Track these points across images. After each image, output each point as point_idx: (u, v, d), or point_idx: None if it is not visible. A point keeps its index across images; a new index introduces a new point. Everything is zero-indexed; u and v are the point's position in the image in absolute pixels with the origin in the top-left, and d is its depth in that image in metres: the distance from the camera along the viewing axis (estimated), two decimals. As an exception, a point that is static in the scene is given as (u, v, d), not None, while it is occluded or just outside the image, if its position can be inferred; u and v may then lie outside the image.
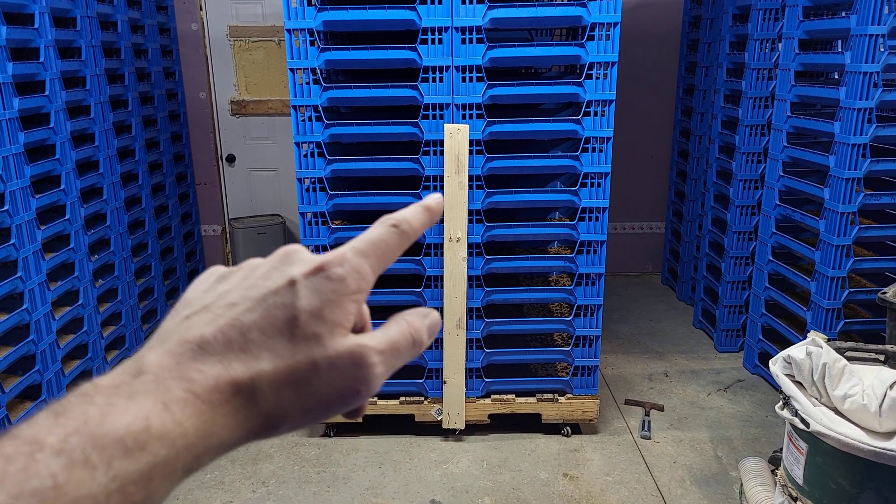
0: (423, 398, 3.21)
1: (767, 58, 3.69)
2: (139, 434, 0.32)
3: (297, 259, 0.40)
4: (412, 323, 0.42)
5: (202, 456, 0.35)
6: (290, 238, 5.15)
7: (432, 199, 0.47)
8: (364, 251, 0.41)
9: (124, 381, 0.35)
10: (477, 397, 3.20)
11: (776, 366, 2.23)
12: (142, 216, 4.08)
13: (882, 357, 2.21)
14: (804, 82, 3.37)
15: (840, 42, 3.91)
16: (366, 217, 3.17)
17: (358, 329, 0.41)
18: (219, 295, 0.39)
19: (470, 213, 2.95)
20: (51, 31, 3.07)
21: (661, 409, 3.49)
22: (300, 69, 2.81)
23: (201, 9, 4.81)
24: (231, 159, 5.14)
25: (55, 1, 3.13)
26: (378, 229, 0.43)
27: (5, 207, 2.74)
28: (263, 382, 0.36)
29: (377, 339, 0.40)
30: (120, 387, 0.34)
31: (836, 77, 3.72)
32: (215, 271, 0.43)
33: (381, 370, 0.39)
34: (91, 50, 3.45)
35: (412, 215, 0.45)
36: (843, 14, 2.98)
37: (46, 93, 3.05)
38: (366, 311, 0.43)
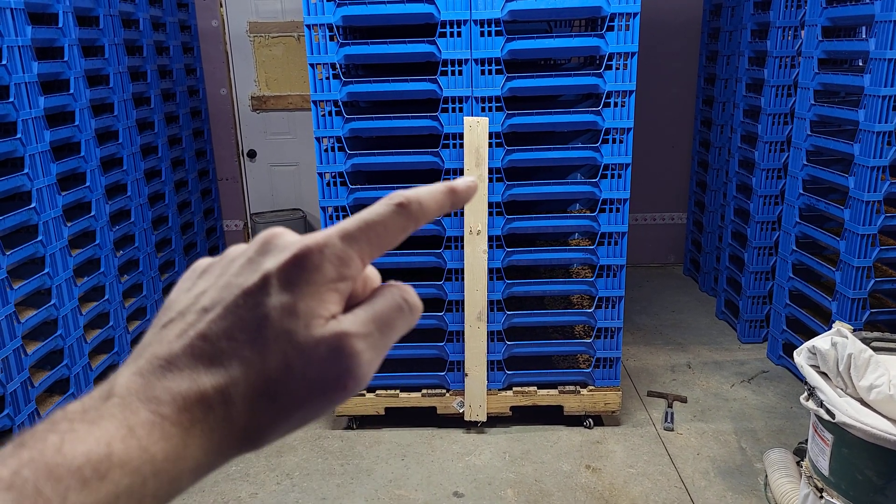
0: (444, 391, 3.22)
1: (790, 46, 3.64)
2: (99, 462, 0.30)
3: (274, 248, 0.37)
4: (400, 286, 0.38)
5: (177, 480, 0.32)
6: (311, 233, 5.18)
7: (462, 181, 0.41)
8: (352, 234, 0.37)
9: (93, 406, 0.32)
10: (498, 389, 3.20)
11: (801, 356, 2.21)
12: (165, 212, 4.13)
13: (909, 347, 2.19)
14: (827, 70, 3.32)
15: (864, 29, 3.84)
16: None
17: (356, 303, 0.37)
18: (195, 297, 0.37)
19: (490, 205, 2.95)
20: (75, 30, 3.12)
21: (683, 400, 3.47)
22: (320, 64, 2.83)
23: (221, 5, 4.85)
24: (252, 154, 5.18)
25: (78, 0, 3.17)
26: (378, 208, 0.38)
27: (32, 205, 2.79)
28: (235, 395, 0.33)
29: (359, 320, 0.35)
30: (87, 411, 0.32)
31: (861, 64, 3.65)
32: (199, 266, 0.40)
33: (368, 356, 0.35)
34: (114, 48, 3.50)
35: (427, 196, 0.39)
36: (868, 0, 2.93)
37: (71, 91, 3.09)
38: (372, 279, 0.38)
